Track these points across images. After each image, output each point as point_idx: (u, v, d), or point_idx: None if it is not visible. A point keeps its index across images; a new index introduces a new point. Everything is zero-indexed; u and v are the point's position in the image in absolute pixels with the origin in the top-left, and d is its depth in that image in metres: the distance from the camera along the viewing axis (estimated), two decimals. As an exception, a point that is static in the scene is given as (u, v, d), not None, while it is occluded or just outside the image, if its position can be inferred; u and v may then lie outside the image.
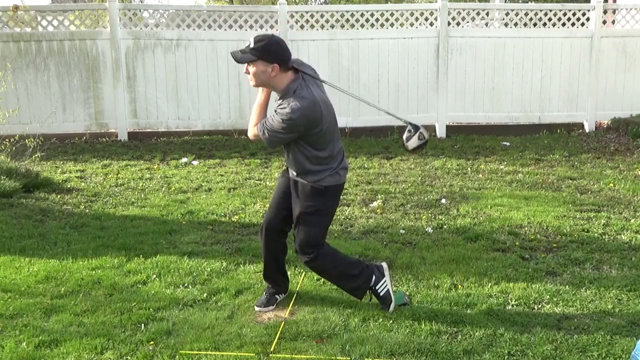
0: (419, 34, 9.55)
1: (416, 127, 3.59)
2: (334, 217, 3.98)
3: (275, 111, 3.38)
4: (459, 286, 4.07)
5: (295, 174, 3.60)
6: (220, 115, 9.58)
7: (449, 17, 9.50)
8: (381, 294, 3.72)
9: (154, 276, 4.27)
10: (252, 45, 3.35)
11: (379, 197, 6.31)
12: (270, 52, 3.34)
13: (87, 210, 5.94)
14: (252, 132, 3.52)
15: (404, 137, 3.61)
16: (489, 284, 4.09)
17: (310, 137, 3.42)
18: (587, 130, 9.90)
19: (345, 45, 9.45)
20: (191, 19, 9.45)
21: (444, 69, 9.57)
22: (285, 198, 3.69)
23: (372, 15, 9.54)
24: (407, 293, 3.94)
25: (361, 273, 3.73)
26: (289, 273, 4.32)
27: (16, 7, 8.88)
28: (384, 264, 3.84)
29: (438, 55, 9.55)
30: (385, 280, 3.74)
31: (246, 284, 4.13)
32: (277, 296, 3.87)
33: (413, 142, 3.58)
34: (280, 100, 3.42)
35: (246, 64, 3.40)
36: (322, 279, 4.17)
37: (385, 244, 4.92)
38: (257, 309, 3.77)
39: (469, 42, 9.60)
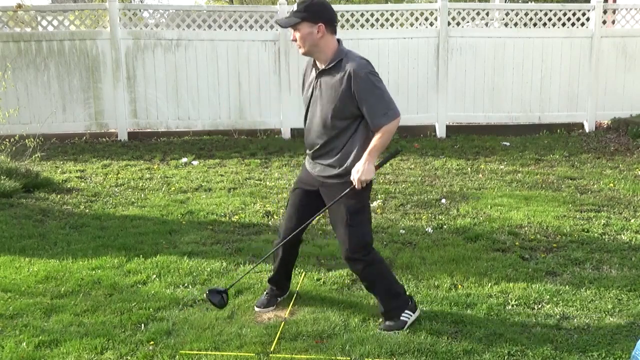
0: (419, 34, 9.55)
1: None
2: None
3: (356, 78, 3.20)
4: (459, 286, 4.07)
5: (338, 170, 3.38)
6: (220, 115, 9.58)
7: (449, 17, 9.50)
8: (401, 318, 3.49)
9: (154, 276, 4.27)
10: (295, 9, 3.27)
11: (379, 197, 6.31)
12: (313, 11, 3.24)
13: (87, 210, 5.94)
14: (390, 124, 3.24)
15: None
16: (489, 284, 4.09)
17: None
18: (587, 130, 9.90)
19: (345, 45, 9.41)
20: (191, 19, 9.45)
21: (444, 69, 9.57)
22: (306, 210, 3.54)
23: (372, 15, 9.54)
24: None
25: (403, 293, 3.58)
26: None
27: (20, 6, 8.88)
28: (419, 309, 3.62)
29: (438, 55, 9.54)
30: (414, 315, 3.53)
31: (246, 284, 4.13)
32: (278, 298, 3.86)
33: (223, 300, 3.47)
34: (331, 68, 3.29)
35: (293, 31, 3.29)
36: (322, 279, 4.18)
37: (385, 244, 4.92)
38: (257, 309, 3.76)
39: (469, 42, 9.60)
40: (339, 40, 3.37)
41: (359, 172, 3.23)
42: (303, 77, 3.58)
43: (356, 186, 3.26)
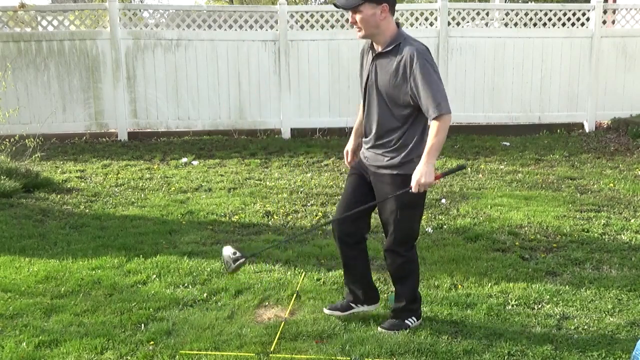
0: (419, 34, 9.53)
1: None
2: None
3: (412, 64, 3.06)
4: (459, 286, 4.07)
5: (391, 162, 3.27)
6: (220, 115, 9.58)
7: (449, 17, 9.50)
8: (406, 321, 3.48)
9: (154, 276, 4.27)
10: None
11: (379, 197, 6.30)
12: None
13: (87, 210, 5.94)
14: (443, 119, 3.08)
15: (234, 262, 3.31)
16: (489, 284, 4.08)
17: None
18: (587, 130, 9.90)
19: (345, 45, 9.44)
20: (191, 19, 9.45)
21: (444, 69, 9.56)
22: (358, 195, 3.44)
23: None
24: None
25: (420, 299, 3.57)
26: (289, 273, 4.33)
27: (22, 5, 8.88)
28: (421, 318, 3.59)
29: (438, 55, 9.54)
30: (417, 322, 3.50)
31: (246, 284, 4.13)
32: (352, 305, 3.60)
33: (232, 267, 3.32)
34: (389, 51, 3.15)
35: (351, 14, 3.12)
36: (322, 279, 4.18)
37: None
38: (327, 311, 3.63)
39: (469, 42, 9.60)
40: (398, 24, 3.22)
41: (420, 174, 3.10)
42: (361, 61, 3.42)
43: (413, 189, 3.14)
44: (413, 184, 3.14)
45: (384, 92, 3.22)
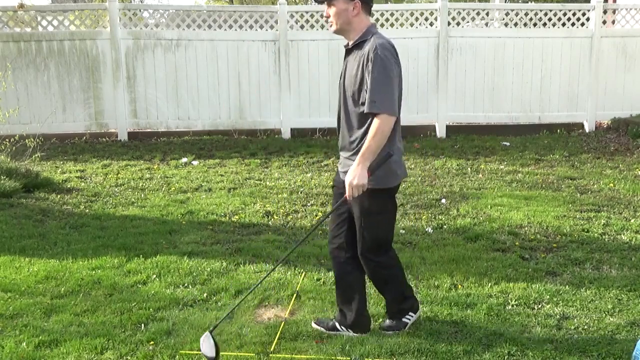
0: (419, 34, 9.55)
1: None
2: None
3: (368, 58, 3.03)
4: (459, 286, 4.07)
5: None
6: (220, 115, 9.58)
7: (449, 17, 9.50)
8: (403, 320, 3.47)
9: (154, 276, 4.27)
10: None
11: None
12: None
13: (87, 210, 5.94)
14: (380, 120, 2.99)
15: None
16: (489, 284, 4.08)
17: None
18: (587, 130, 9.90)
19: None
20: (191, 19, 9.45)
21: (444, 69, 9.57)
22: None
23: (372, 15, 9.53)
24: None
25: (411, 296, 3.53)
26: (289, 273, 4.33)
27: (22, 5, 8.88)
28: (419, 310, 3.58)
29: (438, 55, 9.54)
30: (415, 315, 3.51)
31: (246, 284, 4.13)
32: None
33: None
34: (355, 47, 3.17)
35: (326, 7, 3.17)
36: (322, 279, 4.18)
37: (385, 244, 4.91)
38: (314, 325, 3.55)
39: (469, 42, 9.60)
40: (374, 24, 3.25)
41: (353, 176, 3.00)
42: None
43: (347, 193, 3.05)
44: (346, 186, 3.05)
45: (349, 90, 3.19)
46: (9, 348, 3.29)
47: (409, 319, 3.48)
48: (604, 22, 9.83)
